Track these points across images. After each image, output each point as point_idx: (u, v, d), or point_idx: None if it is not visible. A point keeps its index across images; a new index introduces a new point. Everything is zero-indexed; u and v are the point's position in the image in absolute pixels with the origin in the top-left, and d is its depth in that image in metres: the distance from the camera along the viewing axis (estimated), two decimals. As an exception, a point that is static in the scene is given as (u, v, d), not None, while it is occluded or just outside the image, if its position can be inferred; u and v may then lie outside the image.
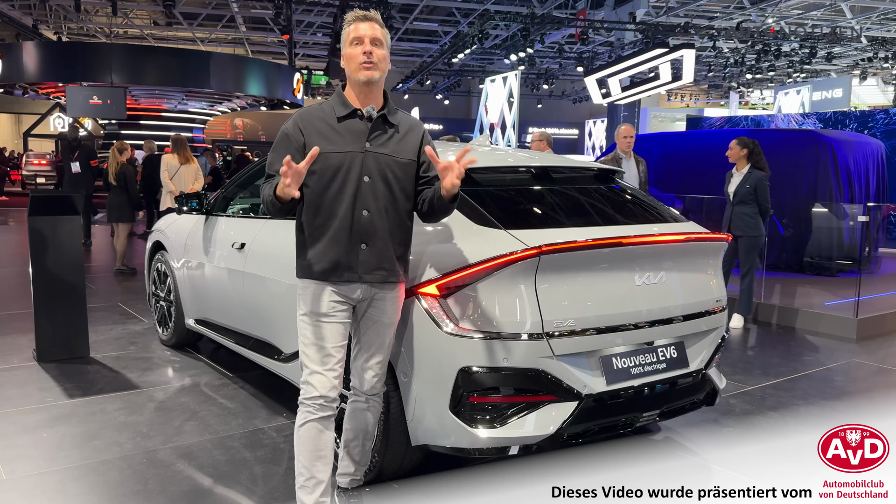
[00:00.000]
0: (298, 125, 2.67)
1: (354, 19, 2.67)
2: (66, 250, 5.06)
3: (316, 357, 2.66)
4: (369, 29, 2.64)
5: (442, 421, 2.90)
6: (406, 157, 2.75)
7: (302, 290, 2.73)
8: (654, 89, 22.22)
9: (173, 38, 29.84)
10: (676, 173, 10.25)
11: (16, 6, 24.30)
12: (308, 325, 2.70)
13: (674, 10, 23.38)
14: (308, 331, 2.69)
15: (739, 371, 5.19)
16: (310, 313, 2.69)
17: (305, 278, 2.72)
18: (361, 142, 2.65)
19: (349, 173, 2.63)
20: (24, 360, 5.03)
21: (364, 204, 2.64)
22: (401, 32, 26.51)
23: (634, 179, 6.79)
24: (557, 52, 26.01)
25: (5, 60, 17.99)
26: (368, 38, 2.62)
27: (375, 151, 2.66)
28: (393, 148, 2.71)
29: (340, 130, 2.65)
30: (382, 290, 2.76)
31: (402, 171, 2.74)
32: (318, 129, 2.65)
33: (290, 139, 2.66)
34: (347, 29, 2.67)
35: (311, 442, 2.67)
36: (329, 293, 2.67)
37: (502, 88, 21.33)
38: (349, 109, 2.67)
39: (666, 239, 3.18)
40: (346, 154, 2.63)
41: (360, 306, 2.76)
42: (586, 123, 35.16)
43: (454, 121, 33.89)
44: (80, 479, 3.27)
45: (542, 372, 2.86)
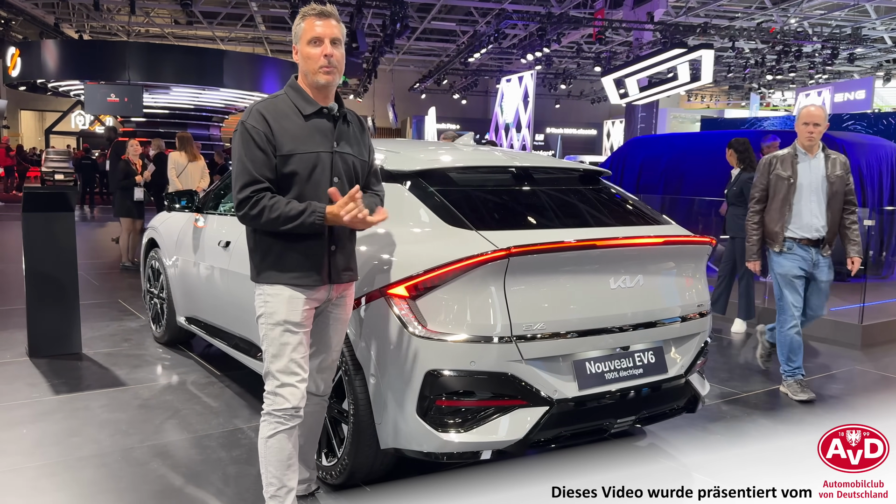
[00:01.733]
0: (266, 121, 2.52)
1: (311, 15, 2.54)
2: (59, 247, 5.08)
3: (288, 368, 2.57)
4: (328, 28, 2.53)
5: (409, 424, 2.85)
6: (363, 156, 2.75)
7: (271, 298, 2.59)
8: (672, 90, 22.06)
9: (193, 37, 30.08)
10: (689, 175, 10.10)
11: (39, 5, 24.64)
12: (280, 335, 2.57)
13: (694, 10, 23.16)
14: (280, 341, 2.57)
15: (736, 377, 5.09)
16: (284, 323, 2.56)
17: (278, 284, 2.58)
18: (329, 142, 2.60)
19: (321, 174, 2.57)
20: (16, 356, 5.06)
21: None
22: (418, 32, 26.53)
23: (820, 185, 4.56)
24: (575, 52, 25.88)
25: (24, 58, 18.23)
26: (328, 39, 2.52)
27: (342, 152, 2.64)
28: (354, 148, 2.70)
29: (309, 129, 2.57)
30: (344, 288, 2.75)
31: (362, 170, 2.75)
32: (287, 127, 2.54)
33: (264, 137, 2.50)
34: (303, 24, 2.54)
35: (281, 452, 2.60)
36: (304, 300, 2.59)
37: (518, 88, 21.26)
38: (315, 107, 2.59)
39: (643, 242, 3.11)
40: (317, 155, 2.57)
41: (320, 307, 2.71)
42: (604, 124, 34.97)
43: (471, 120, 33.82)
44: (54, 476, 3.27)
45: (511, 376, 2.81)
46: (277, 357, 2.58)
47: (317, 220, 2.46)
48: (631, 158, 10.82)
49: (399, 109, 34.35)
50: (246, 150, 2.51)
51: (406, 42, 28.27)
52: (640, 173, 10.57)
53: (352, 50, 20.23)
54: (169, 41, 29.50)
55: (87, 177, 18.40)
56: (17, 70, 18.49)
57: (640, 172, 10.57)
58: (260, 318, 2.63)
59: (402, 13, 19.19)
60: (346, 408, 3.09)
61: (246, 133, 2.52)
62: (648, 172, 10.47)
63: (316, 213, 2.46)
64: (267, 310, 2.60)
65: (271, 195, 2.48)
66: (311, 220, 2.45)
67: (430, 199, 3.11)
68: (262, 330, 2.62)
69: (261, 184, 2.48)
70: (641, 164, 10.58)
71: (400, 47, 29.57)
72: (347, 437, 3.08)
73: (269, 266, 2.60)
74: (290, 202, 2.48)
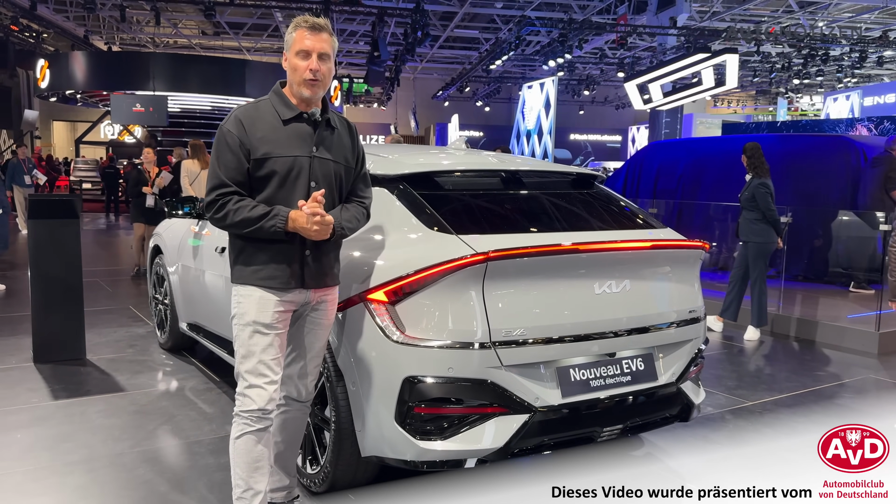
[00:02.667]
0: (242, 126, 2.54)
1: (303, 27, 2.54)
2: (64, 253, 5.13)
3: (256, 370, 2.56)
4: (317, 42, 2.53)
5: (388, 432, 2.81)
6: (348, 162, 2.73)
7: (243, 298, 2.59)
8: (696, 95, 21.79)
9: (220, 48, 30.47)
10: (705, 179, 9.95)
11: (70, 18, 25.17)
12: (249, 336, 2.57)
13: (719, 15, 22.91)
14: (249, 342, 2.57)
15: (744, 385, 4.97)
16: (253, 323, 2.56)
17: (249, 285, 2.58)
18: (308, 146, 2.59)
19: (298, 179, 2.57)
20: (22, 361, 5.11)
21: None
22: (441, 40, 26.58)
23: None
24: (599, 57, 25.73)
25: (53, 70, 18.61)
26: (316, 53, 2.52)
27: (322, 157, 2.62)
28: (336, 153, 2.68)
29: (287, 133, 2.57)
30: (324, 293, 2.72)
31: (345, 176, 2.72)
32: (263, 131, 2.54)
33: (238, 141, 2.51)
34: (293, 35, 2.55)
35: (248, 454, 2.59)
36: (275, 303, 2.57)
37: (539, 94, 21.16)
38: (294, 112, 2.59)
39: (628, 246, 3.04)
40: (294, 159, 2.56)
41: (300, 310, 2.69)
42: (629, 130, 34.68)
43: (495, 127, 33.77)
44: (41, 481, 3.28)
45: (491, 383, 2.76)
46: (247, 358, 2.57)
47: (277, 225, 2.46)
48: (648, 163, 10.70)
49: (422, 117, 34.43)
50: (218, 155, 2.56)
51: (429, 50, 28.34)
52: (657, 178, 10.44)
53: (374, 58, 20.35)
54: (196, 52, 29.93)
55: (110, 185, 18.71)
56: (46, 82, 18.87)
57: (658, 177, 10.44)
58: (233, 319, 2.63)
59: (424, 21, 19.25)
60: (328, 415, 3.06)
61: (221, 138, 2.55)
62: (666, 177, 10.34)
63: (278, 216, 2.46)
64: (238, 310, 2.60)
65: (238, 199, 2.49)
66: (272, 224, 2.46)
67: (414, 203, 3.08)
68: (234, 330, 2.62)
69: (227, 188, 2.49)
70: (658, 169, 10.45)
71: (423, 55, 29.66)
72: (329, 444, 3.04)
73: (242, 266, 2.60)
74: (256, 206, 2.49)
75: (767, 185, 6.10)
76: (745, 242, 6.25)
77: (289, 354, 2.75)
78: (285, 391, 2.78)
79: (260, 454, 2.60)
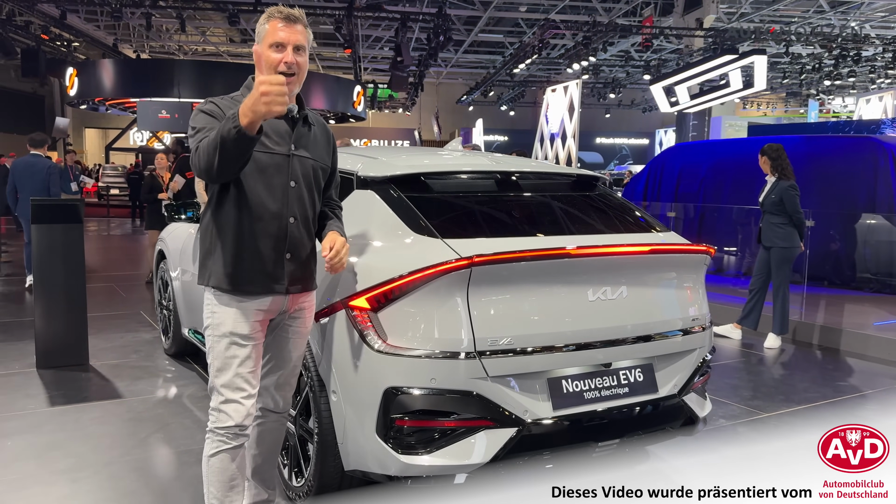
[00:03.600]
0: (219, 107, 2.38)
1: (276, 17, 2.37)
2: (67, 258, 5.11)
3: (233, 384, 2.41)
4: (292, 34, 2.37)
5: (370, 445, 2.69)
6: (325, 162, 2.62)
7: (217, 307, 2.44)
8: (724, 97, 21.40)
9: (247, 55, 30.74)
10: (729, 182, 9.70)
11: (101, 27, 25.59)
12: (225, 347, 2.41)
13: (747, 16, 22.51)
14: (225, 354, 2.42)
15: (760, 396, 4.76)
16: (229, 335, 2.41)
17: (224, 293, 2.42)
18: (286, 144, 2.46)
19: (276, 177, 2.43)
20: (25, 367, 5.09)
21: (291, 210, 2.46)
22: (466, 45, 26.49)
23: None
24: (624, 60, 25.43)
25: (81, 78, 18.87)
26: (291, 45, 2.36)
27: (301, 155, 2.50)
28: (314, 152, 2.56)
29: (264, 129, 2.34)
30: (301, 300, 2.60)
31: (322, 176, 2.62)
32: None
33: (216, 114, 2.34)
34: (266, 26, 2.38)
35: (223, 472, 2.46)
36: (253, 311, 2.43)
37: (563, 98, 20.89)
38: None
39: (624, 251, 2.87)
40: (273, 156, 2.42)
41: (277, 319, 2.57)
42: (656, 133, 34.28)
43: (520, 132, 33.58)
44: (23, 490, 3.22)
45: (476, 395, 2.62)
46: (222, 371, 2.43)
47: (232, 124, 2.08)
48: (669, 166, 10.46)
49: (447, 122, 34.37)
50: (198, 122, 2.34)
51: (454, 55, 28.28)
52: (678, 181, 10.21)
53: (397, 64, 20.34)
54: (224, 59, 30.22)
55: (135, 190, 18.93)
56: (75, 89, 19.14)
57: (679, 180, 10.21)
58: (206, 330, 2.49)
59: (446, 26, 19.20)
60: (311, 426, 2.95)
61: (199, 113, 2.38)
62: (687, 180, 10.11)
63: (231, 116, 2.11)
64: (213, 321, 2.45)
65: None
66: (229, 125, 2.09)
67: (400, 206, 2.95)
68: (208, 342, 2.49)
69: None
70: (680, 172, 10.22)
71: (448, 60, 29.62)
72: (313, 456, 2.94)
73: (216, 271, 2.44)
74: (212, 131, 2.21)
75: (796, 188, 5.89)
76: (769, 248, 6.02)
77: (265, 365, 2.62)
78: (262, 403, 2.67)
79: (235, 472, 2.48)
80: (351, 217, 3.13)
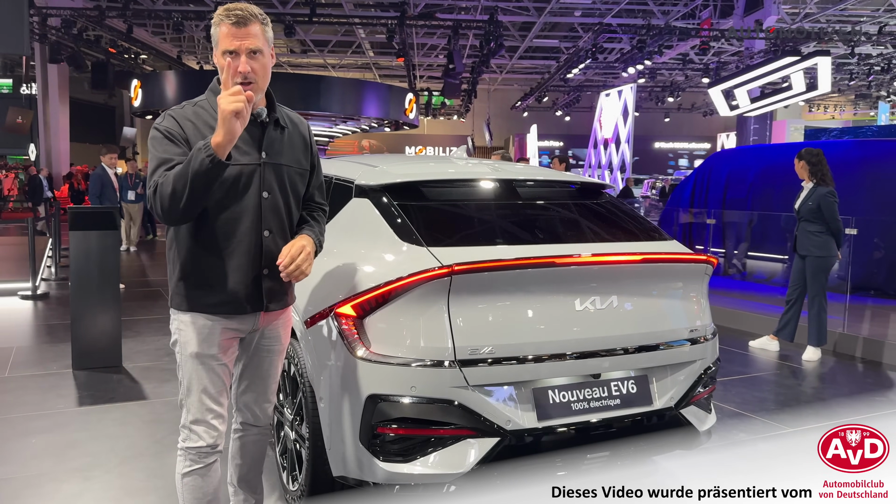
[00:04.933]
0: (179, 125, 2.25)
1: (225, 21, 2.18)
2: (102, 264, 5.31)
3: (201, 404, 2.35)
4: (245, 39, 2.17)
5: (353, 452, 2.70)
6: (302, 166, 2.50)
7: (184, 326, 2.35)
8: (786, 100, 20.74)
9: (307, 65, 31.41)
10: (778, 188, 9.38)
11: (167, 39, 26.59)
12: (193, 367, 2.34)
13: (812, 16, 21.79)
14: (193, 374, 2.34)
15: (788, 410, 4.59)
16: (197, 355, 2.33)
17: (193, 312, 2.33)
18: (256, 152, 2.32)
19: (248, 189, 2.30)
20: (62, 367, 5.31)
21: (266, 224, 2.35)
22: (521, 51, 26.44)
23: None
24: (683, 63, 24.94)
25: (144, 89, 19.56)
26: (245, 52, 2.18)
27: (273, 162, 2.38)
28: (289, 156, 2.44)
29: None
30: (275, 317, 2.53)
31: (299, 181, 2.49)
32: (203, 133, 2.24)
33: (175, 134, 2.22)
34: (217, 30, 2.21)
35: (197, 490, 2.40)
36: (221, 331, 2.35)
37: (617, 102, 20.67)
38: None
39: (613, 259, 2.81)
40: (242, 167, 2.27)
41: (249, 337, 2.50)
42: (718, 137, 33.45)
43: (576, 137, 33.28)
44: (38, 487, 3.35)
45: (457, 404, 2.61)
46: (191, 391, 2.36)
47: (205, 154, 2.04)
48: (716, 172, 10.20)
49: (501, 128, 34.34)
50: (157, 148, 2.24)
51: (509, 61, 28.26)
52: (726, 187, 9.93)
53: (449, 71, 20.43)
54: (284, 70, 30.94)
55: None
56: (139, 100, 19.85)
57: (727, 186, 9.93)
58: (173, 346, 2.43)
59: (497, 33, 19.19)
60: (304, 432, 2.99)
61: (157, 134, 2.26)
62: (735, 186, 9.83)
63: (204, 150, 2.05)
64: (180, 338, 2.37)
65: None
66: (200, 157, 2.04)
67: (391, 214, 2.96)
68: (177, 358, 2.42)
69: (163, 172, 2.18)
70: (728, 178, 9.94)
71: (503, 66, 29.61)
72: (305, 462, 2.97)
73: (185, 291, 2.34)
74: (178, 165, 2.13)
75: (835, 194, 5.67)
76: (804, 256, 5.81)
77: (242, 382, 2.60)
78: (242, 417, 2.66)
79: (210, 489, 2.42)
80: (348, 225, 3.17)
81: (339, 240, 3.03)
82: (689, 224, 10.37)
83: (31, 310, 7.60)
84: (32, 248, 8.23)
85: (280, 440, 3.34)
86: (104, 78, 21.57)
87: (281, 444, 3.33)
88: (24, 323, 7.05)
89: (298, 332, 3.03)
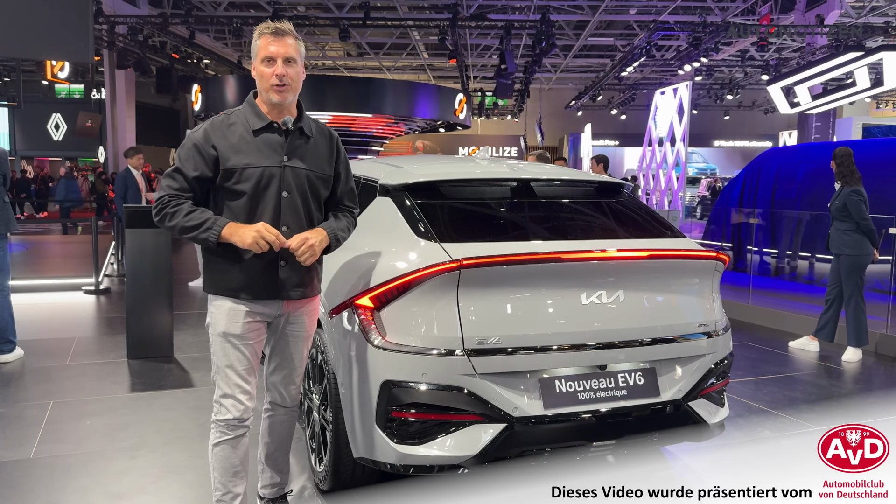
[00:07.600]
0: (209, 136, 2.58)
1: (266, 33, 2.57)
2: (155, 259, 5.63)
3: (229, 380, 2.64)
4: (282, 47, 2.55)
5: (370, 434, 2.88)
6: (323, 171, 2.75)
7: (214, 308, 2.67)
8: (849, 97, 20.12)
9: (363, 68, 31.89)
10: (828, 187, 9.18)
11: (228, 44, 27.40)
12: (221, 346, 2.65)
13: (879, 9, 21.06)
14: (221, 352, 2.65)
15: (818, 409, 4.57)
16: (223, 335, 2.63)
17: (219, 295, 2.66)
18: (279, 156, 2.61)
19: (268, 189, 2.59)
20: (118, 357, 5.66)
21: (284, 220, 2.62)
22: (576, 49, 26.30)
23: None
24: (741, 60, 24.40)
25: (204, 93, 20.23)
26: (281, 58, 2.55)
27: (294, 166, 2.64)
28: (310, 162, 2.70)
29: (257, 144, 2.60)
30: (300, 305, 2.78)
31: (320, 185, 2.75)
32: (231, 142, 2.58)
33: (201, 151, 2.56)
34: (258, 42, 2.59)
35: (225, 460, 2.68)
36: (245, 313, 2.63)
37: (672, 100, 20.34)
38: (264, 122, 2.61)
39: (619, 255, 2.91)
40: (264, 169, 2.58)
41: (276, 322, 2.76)
42: (780, 135, 32.56)
43: (632, 136, 32.85)
44: (88, 464, 3.62)
45: (465, 390, 2.76)
46: (220, 368, 2.66)
47: (210, 238, 2.50)
48: (766, 170, 10.04)
49: (555, 127, 34.17)
50: (182, 155, 2.61)
51: (563, 60, 28.14)
52: (774, 186, 9.78)
53: (501, 71, 20.50)
54: (341, 73, 31.49)
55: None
56: (200, 104, 20.54)
57: (776, 185, 9.78)
58: (208, 327, 2.74)
59: (549, 32, 19.18)
60: (328, 416, 3.17)
61: (188, 143, 2.61)
62: (784, 185, 9.67)
63: (212, 230, 2.49)
64: (211, 320, 2.69)
65: (177, 203, 2.53)
66: (205, 236, 2.50)
67: (409, 212, 3.13)
68: (210, 339, 2.73)
69: (172, 190, 2.56)
70: (776, 176, 9.78)
71: (557, 65, 29.49)
72: (329, 444, 3.16)
73: (213, 276, 2.67)
74: (193, 212, 2.53)
75: (860, 193, 5.62)
76: (837, 255, 5.77)
77: (271, 363, 2.84)
78: (270, 397, 2.90)
79: (237, 460, 2.69)
80: (371, 222, 3.34)
81: (364, 236, 3.20)
82: (738, 224, 10.24)
83: (94, 304, 8.07)
84: (95, 246, 8.70)
85: (310, 424, 3.54)
86: (168, 82, 22.37)
87: (310, 428, 3.53)
88: (85, 316, 7.50)
89: (324, 322, 3.22)
